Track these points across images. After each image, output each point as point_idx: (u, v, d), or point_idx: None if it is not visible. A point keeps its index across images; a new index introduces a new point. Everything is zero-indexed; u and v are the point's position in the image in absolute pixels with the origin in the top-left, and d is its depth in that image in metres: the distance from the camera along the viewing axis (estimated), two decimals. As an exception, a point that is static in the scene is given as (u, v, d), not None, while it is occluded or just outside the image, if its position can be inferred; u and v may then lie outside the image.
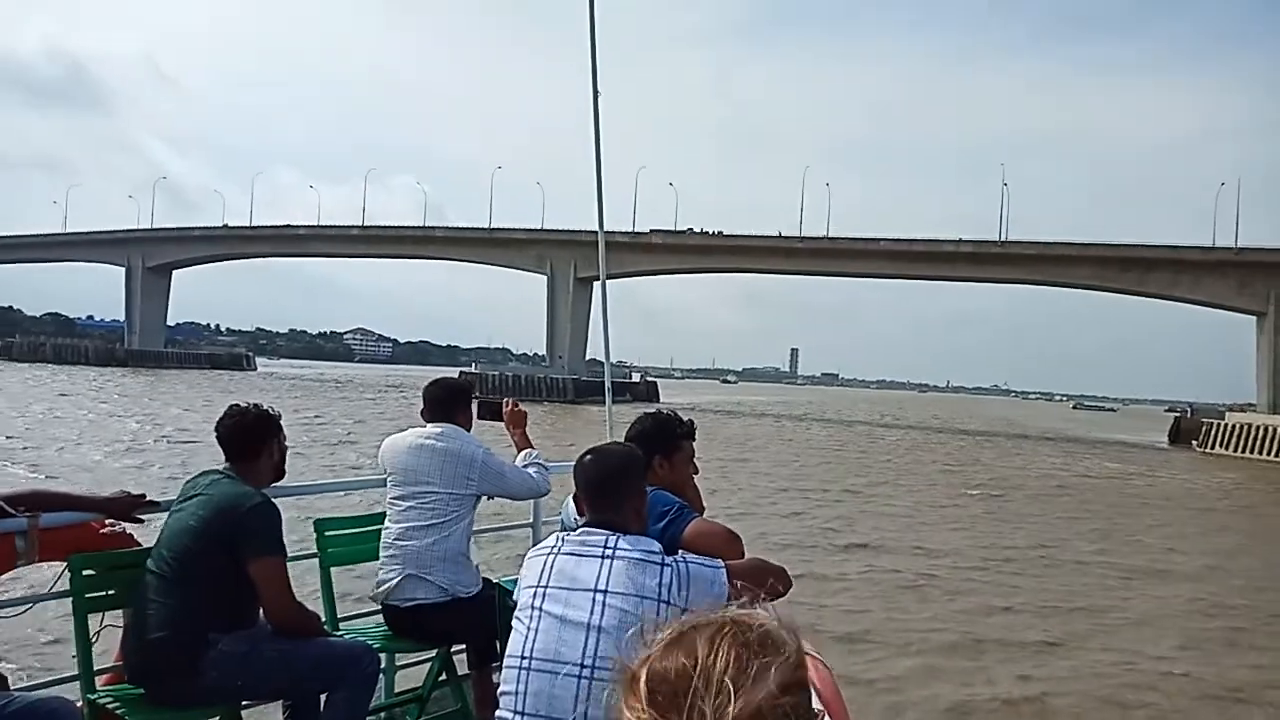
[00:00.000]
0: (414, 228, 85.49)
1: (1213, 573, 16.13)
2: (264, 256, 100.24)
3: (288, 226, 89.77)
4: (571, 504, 2.71)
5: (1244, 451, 55.39)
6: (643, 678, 0.91)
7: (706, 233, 76.43)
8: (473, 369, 75.67)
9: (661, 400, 74.64)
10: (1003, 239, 68.72)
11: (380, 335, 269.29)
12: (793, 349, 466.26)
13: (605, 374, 5.10)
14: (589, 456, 2.34)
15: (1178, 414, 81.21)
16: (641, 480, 2.38)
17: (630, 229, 77.55)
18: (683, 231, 77.37)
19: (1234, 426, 58.48)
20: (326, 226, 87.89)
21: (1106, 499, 28.34)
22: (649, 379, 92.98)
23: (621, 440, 2.86)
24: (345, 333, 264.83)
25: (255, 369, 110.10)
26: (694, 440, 3.03)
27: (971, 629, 11.32)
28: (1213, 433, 60.06)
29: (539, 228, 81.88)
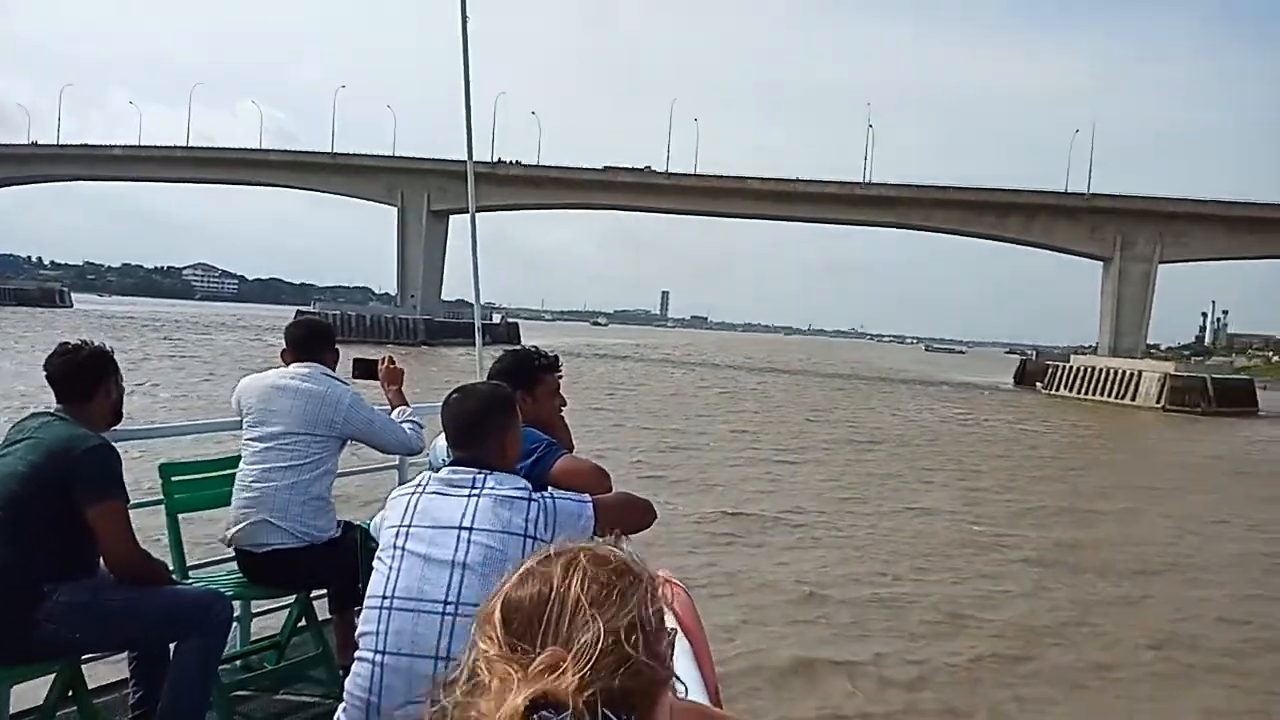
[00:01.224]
0: (246, 150, 77.33)
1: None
2: (75, 179, 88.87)
3: (101, 146, 79.49)
4: (440, 444, 2.69)
5: (1086, 393, 57.17)
6: (498, 607, 0.92)
7: (569, 167, 72.29)
8: (310, 308, 69.41)
9: (523, 342, 70.98)
10: (867, 180, 68.00)
11: (225, 271, 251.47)
12: (663, 292, 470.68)
13: (475, 314, 4.95)
14: (455, 395, 2.31)
15: (1023, 357, 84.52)
16: (509, 417, 2.32)
17: (489, 159, 72.47)
18: (544, 166, 72.93)
19: (1077, 369, 60.29)
20: (145, 147, 78.26)
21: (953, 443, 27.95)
22: (509, 320, 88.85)
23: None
24: (185, 268, 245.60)
25: (70, 305, 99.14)
26: (559, 374, 2.99)
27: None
28: (1058, 375, 61.80)
29: (389, 154, 75.52)
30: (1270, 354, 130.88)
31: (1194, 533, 16.52)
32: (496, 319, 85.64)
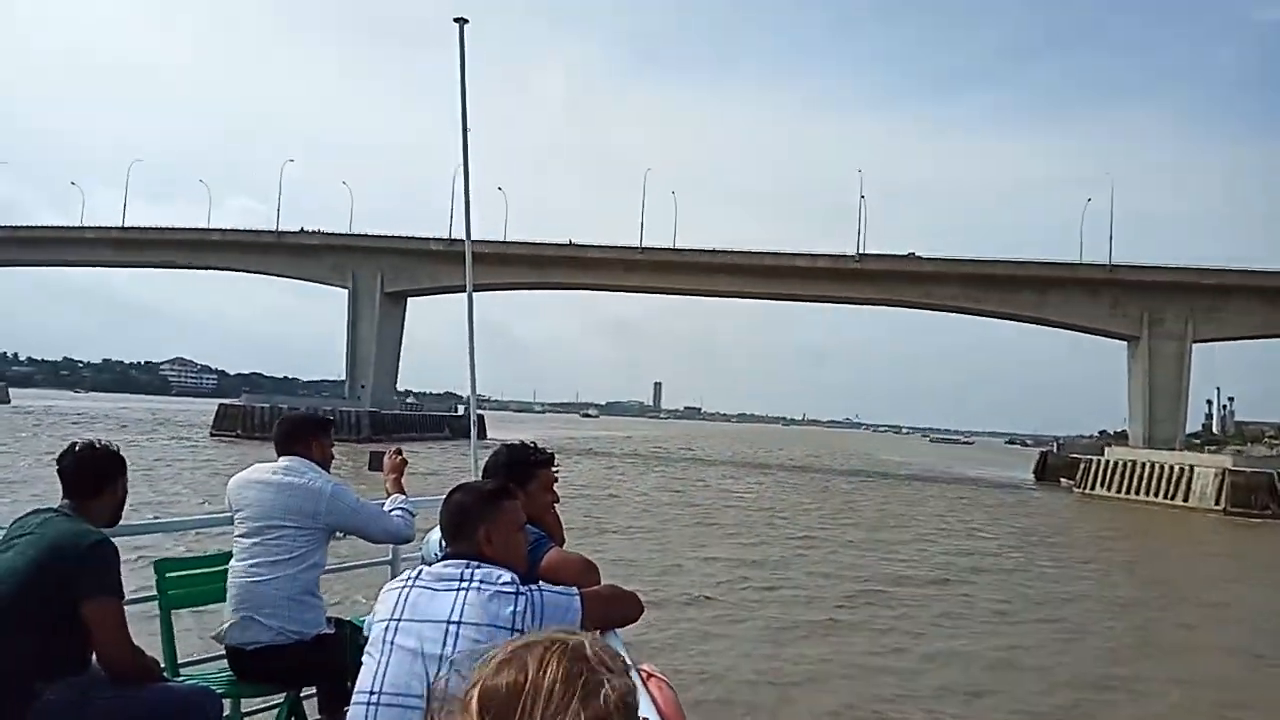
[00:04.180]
0: (186, 230, 71.03)
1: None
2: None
3: (24, 228, 73.31)
4: (434, 538, 2.69)
5: (1127, 492, 49.12)
6: (475, 696, 0.92)
7: (537, 243, 65.90)
8: (238, 401, 61.99)
9: (489, 437, 63.22)
10: (860, 254, 61.43)
11: (204, 366, 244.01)
12: (656, 383, 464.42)
13: (470, 406, 4.95)
14: (453, 490, 2.34)
15: (1043, 450, 76.77)
16: (501, 511, 2.29)
17: (447, 236, 66.17)
18: (511, 242, 66.52)
19: (1113, 464, 52.36)
20: (76, 228, 72.08)
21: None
22: (476, 413, 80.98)
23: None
24: (162, 363, 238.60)
25: (8, 401, 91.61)
26: (552, 468, 3.00)
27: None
28: (1092, 471, 53.79)
29: (339, 231, 69.24)
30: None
31: None
32: (460, 411, 78.11)
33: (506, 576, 2.09)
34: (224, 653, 3.44)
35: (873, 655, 12.90)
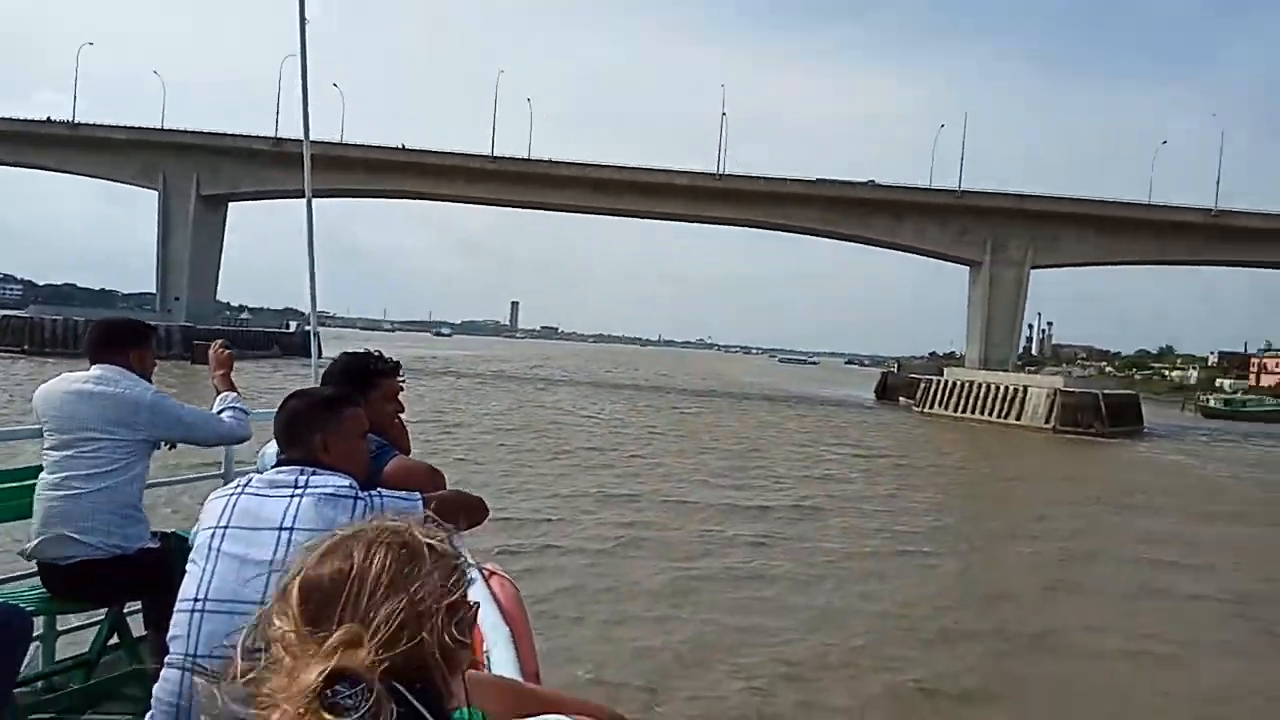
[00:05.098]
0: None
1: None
2: None
3: None
4: (270, 450, 2.58)
5: (964, 411, 50.67)
6: (295, 586, 0.91)
7: (376, 146, 60.46)
8: (20, 313, 54.61)
9: (324, 356, 58.25)
10: (721, 172, 59.76)
11: (6, 275, 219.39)
12: (513, 302, 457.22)
13: (311, 320, 4.68)
14: (288, 399, 2.23)
15: (885, 370, 79.21)
16: (341, 417, 2.18)
17: (273, 134, 59.76)
18: (348, 145, 60.73)
19: (953, 384, 53.90)
20: None
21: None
22: (305, 329, 75.52)
23: None
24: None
25: None
26: (399, 379, 2.88)
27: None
28: (932, 391, 55.26)
29: (148, 126, 61.31)
30: (1103, 364, 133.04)
31: None
32: (291, 327, 72.57)
33: (344, 481, 2.00)
34: (34, 570, 3.22)
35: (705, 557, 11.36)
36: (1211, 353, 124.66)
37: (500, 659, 1.57)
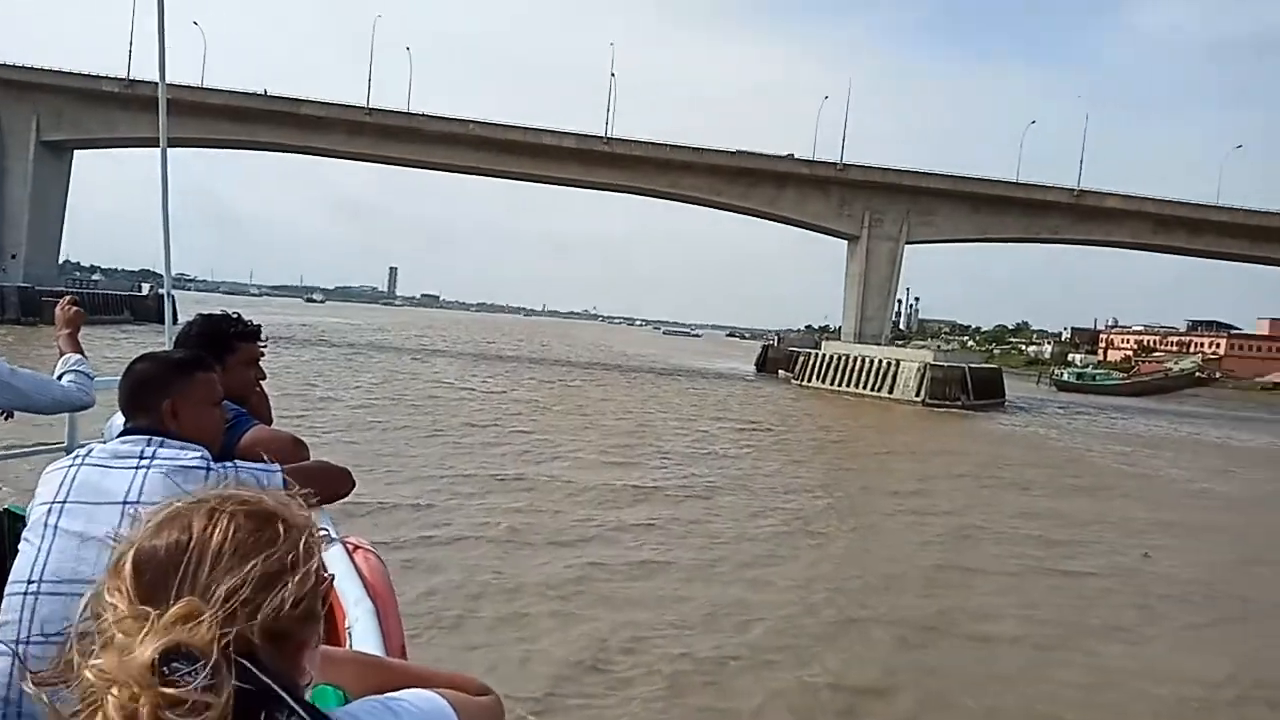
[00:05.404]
0: None
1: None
2: None
3: None
4: (116, 422, 2.34)
5: (841, 384, 51.91)
6: (129, 558, 0.85)
7: (237, 91, 56.36)
8: None
9: (180, 322, 54.29)
10: (608, 136, 58.73)
11: None
12: (391, 267, 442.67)
13: (165, 282, 4.06)
14: (135, 362, 2.07)
15: (766, 343, 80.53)
16: (193, 382, 2.03)
17: (125, 76, 54.85)
18: (209, 89, 56.37)
19: (830, 358, 55.11)
20: None
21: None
22: (160, 292, 70.54)
23: None
24: None
25: None
26: (260, 343, 2.73)
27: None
28: (810, 364, 56.36)
29: (-27, 60, 55.19)
30: (965, 339, 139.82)
31: None
32: (145, 289, 67.57)
33: (196, 452, 1.88)
34: None
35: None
36: (1064, 328, 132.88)
37: (363, 635, 1.50)
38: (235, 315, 2.70)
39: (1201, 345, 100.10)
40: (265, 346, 2.76)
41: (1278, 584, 13.99)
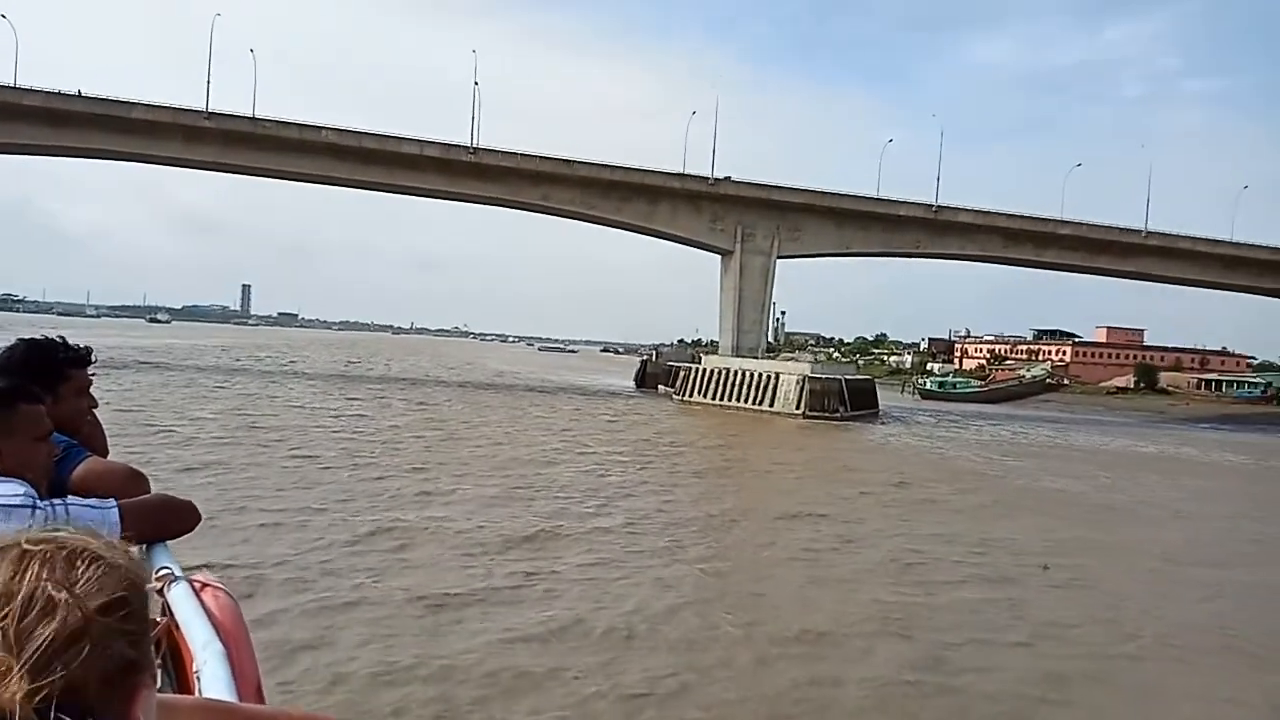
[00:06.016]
0: None
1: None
2: None
3: None
4: None
5: (722, 399, 51.30)
6: None
7: (53, 92, 50.75)
8: None
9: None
10: (475, 146, 56.39)
11: None
12: (245, 285, 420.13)
13: None
14: None
15: (644, 358, 79.71)
16: (16, 415, 1.94)
17: (-81, 72, 48.43)
18: (22, 89, 50.56)
19: (710, 372, 54.52)
20: None
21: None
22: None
23: None
24: None
25: None
26: (88, 369, 2.57)
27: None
28: (690, 379, 55.62)
29: None
30: (831, 350, 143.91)
31: None
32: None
33: (20, 490, 1.81)
34: None
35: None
36: (922, 338, 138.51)
37: (212, 679, 1.43)
38: (62, 339, 2.50)
39: (1049, 353, 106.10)
40: (94, 373, 2.58)
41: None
